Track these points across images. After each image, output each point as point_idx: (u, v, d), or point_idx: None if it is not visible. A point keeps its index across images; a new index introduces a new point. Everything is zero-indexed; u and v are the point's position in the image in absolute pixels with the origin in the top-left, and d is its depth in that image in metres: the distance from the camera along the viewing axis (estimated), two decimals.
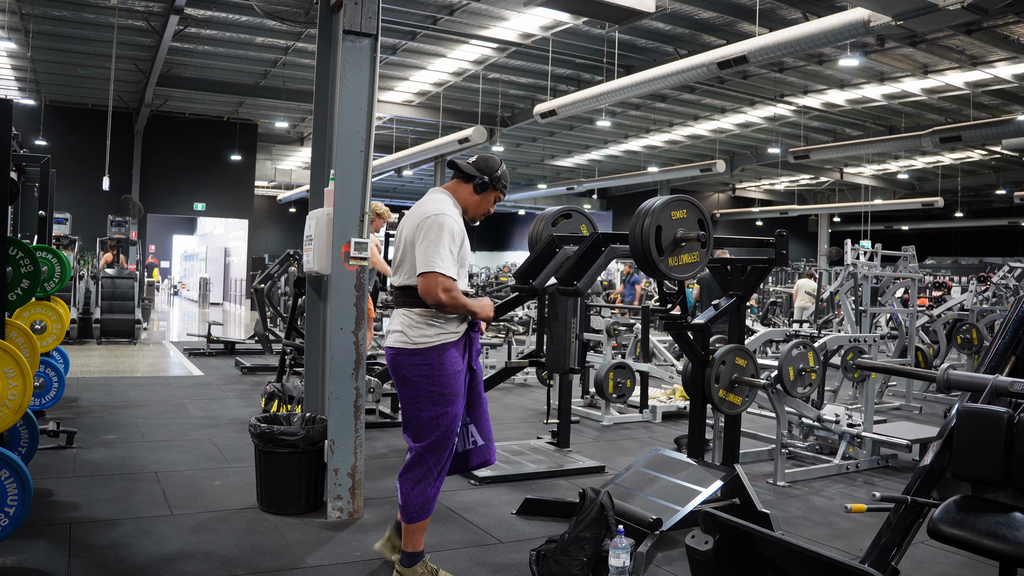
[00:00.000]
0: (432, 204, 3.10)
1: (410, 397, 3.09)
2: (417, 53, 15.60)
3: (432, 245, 2.95)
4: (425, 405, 3.06)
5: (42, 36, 15.06)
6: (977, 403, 2.49)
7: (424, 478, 3.09)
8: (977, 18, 9.33)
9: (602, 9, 8.31)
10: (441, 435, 3.08)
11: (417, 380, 3.05)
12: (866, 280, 7.44)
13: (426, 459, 3.10)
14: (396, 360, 3.09)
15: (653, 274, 3.51)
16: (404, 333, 3.07)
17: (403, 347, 3.06)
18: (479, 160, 3.28)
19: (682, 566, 3.47)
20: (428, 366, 3.04)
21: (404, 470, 3.15)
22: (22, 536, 3.48)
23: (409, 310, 3.07)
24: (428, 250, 2.95)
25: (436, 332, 3.04)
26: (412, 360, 3.05)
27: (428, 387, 3.04)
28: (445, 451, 3.12)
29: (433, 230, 2.97)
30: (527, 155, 27.05)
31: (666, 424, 6.97)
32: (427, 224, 3.00)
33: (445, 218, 3.01)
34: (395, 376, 3.13)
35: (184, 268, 33.65)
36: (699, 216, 3.59)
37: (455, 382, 3.08)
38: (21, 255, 4.32)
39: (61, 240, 11.50)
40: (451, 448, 3.15)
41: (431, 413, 3.06)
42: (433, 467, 3.10)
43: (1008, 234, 34.70)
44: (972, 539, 2.27)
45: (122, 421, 6.25)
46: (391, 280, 3.22)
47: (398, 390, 3.15)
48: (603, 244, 3.59)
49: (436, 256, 2.94)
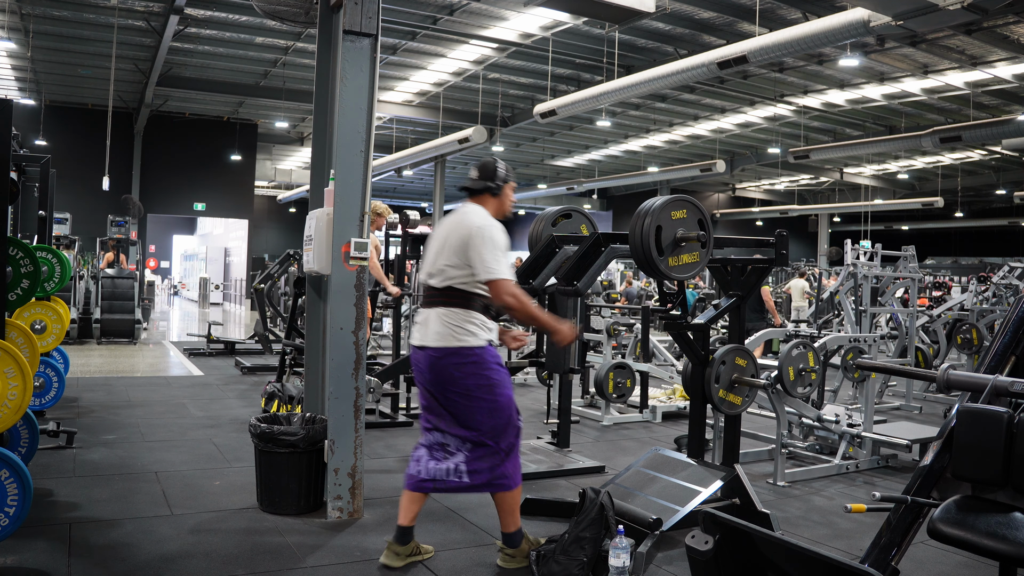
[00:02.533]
0: (477, 216, 3.28)
1: (460, 394, 3.19)
2: (417, 53, 15.60)
3: (491, 253, 3.15)
4: (479, 398, 3.19)
5: (42, 36, 15.06)
6: (977, 403, 2.49)
7: (493, 455, 3.21)
8: (977, 18, 9.33)
9: (602, 9, 8.31)
10: (504, 418, 3.23)
11: (465, 375, 3.17)
12: (866, 280, 7.44)
13: (488, 443, 3.22)
14: (442, 361, 3.19)
15: (653, 274, 3.51)
16: (449, 333, 3.18)
17: (447, 346, 3.18)
18: (480, 170, 3.42)
19: (682, 566, 3.47)
20: (474, 363, 3.18)
21: (469, 462, 3.21)
22: (22, 536, 3.48)
23: (450, 310, 3.19)
24: (489, 258, 3.14)
25: (479, 331, 3.20)
26: (457, 359, 3.17)
27: (476, 381, 3.18)
28: (511, 431, 3.26)
29: (488, 239, 3.17)
30: (527, 155, 27.05)
31: (666, 424, 6.97)
32: (481, 234, 3.17)
33: (495, 229, 3.23)
34: (438, 376, 3.21)
35: (184, 268, 33.66)
36: (699, 216, 3.59)
37: (501, 370, 3.25)
38: (21, 255, 4.32)
39: (61, 240, 11.50)
40: (516, 428, 3.28)
41: (486, 403, 3.19)
42: (504, 448, 3.23)
43: (1008, 234, 34.70)
44: (972, 539, 2.27)
45: (122, 421, 6.25)
46: (425, 280, 3.32)
47: (442, 389, 3.22)
48: (603, 244, 3.59)
49: (497, 263, 3.15)
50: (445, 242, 3.26)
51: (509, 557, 3.36)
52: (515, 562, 3.35)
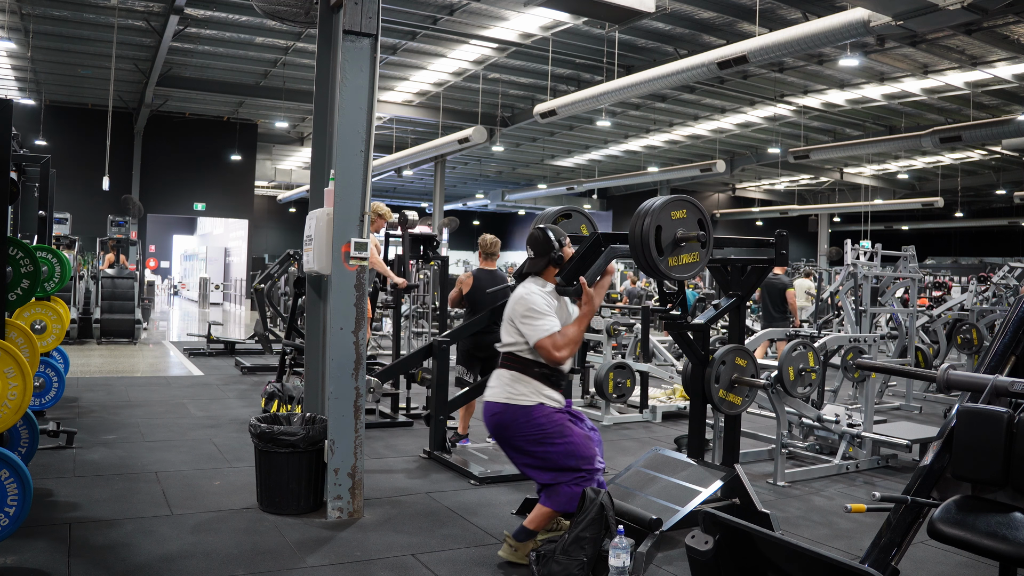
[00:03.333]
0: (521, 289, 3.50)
1: (530, 444, 3.36)
2: (417, 53, 15.60)
3: (529, 320, 3.36)
4: (539, 444, 3.34)
5: (42, 36, 15.05)
6: (977, 403, 2.49)
7: (571, 494, 3.34)
8: (977, 18, 9.34)
9: (602, 9, 8.31)
10: (576, 455, 3.35)
11: (530, 429, 3.35)
12: (866, 280, 7.44)
13: (565, 479, 3.35)
14: (504, 417, 3.38)
15: (653, 274, 3.51)
16: (506, 394, 3.39)
17: (508, 403, 3.37)
18: (535, 247, 3.54)
19: (682, 566, 3.47)
20: (535, 419, 3.34)
21: (548, 500, 3.39)
22: (22, 536, 3.48)
23: (515, 373, 3.41)
24: (528, 326, 3.36)
25: (535, 392, 3.38)
26: (521, 414, 3.35)
27: (539, 433, 3.34)
28: (591, 457, 3.38)
29: (522, 308, 3.40)
30: (527, 155, 27.04)
31: (666, 424, 6.97)
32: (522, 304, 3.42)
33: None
34: (505, 432, 3.39)
35: (184, 268, 33.66)
36: (699, 216, 3.59)
37: (559, 418, 3.39)
38: (21, 255, 4.32)
39: (61, 240, 11.50)
40: (592, 452, 3.41)
41: (547, 448, 3.34)
42: (576, 481, 3.35)
43: (1008, 234, 34.70)
44: (972, 539, 2.27)
45: (122, 421, 6.25)
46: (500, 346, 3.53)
47: (515, 445, 3.41)
48: (603, 244, 3.59)
49: (534, 328, 3.34)
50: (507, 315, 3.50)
51: (512, 550, 3.47)
52: (515, 556, 3.46)
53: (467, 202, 37.05)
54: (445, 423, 5.35)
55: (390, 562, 3.46)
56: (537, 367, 3.39)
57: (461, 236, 34.29)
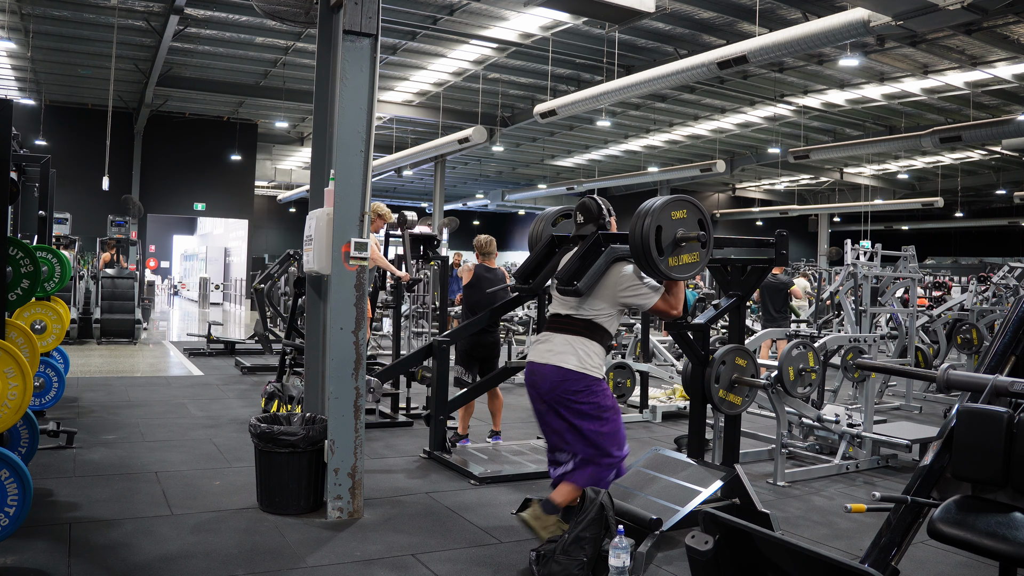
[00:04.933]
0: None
1: (578, 416, 3.41)
2: (417, 53, 15.59)
3: (637, 288, 3.50)
4: (594, 420, 3.41)
5: (42, 36, 15.05)
6: (977, 403, 2.49)
7: (599, 476, 3.43)
8: (977, 18, 9.33)
9: (602, 9, 8.31)
10: (618, 440, 3.46)
11: (584, 401, 3.41)
12: (866, 280, 7.43)
13: (600, 461, 3.43)
14: (564, 383, 3.41)
15: (653, 274, 3.51)
16: (577, 359, 3.43)
17: (574, 370, 3.42)
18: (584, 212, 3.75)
19: (682, 566, 3.47)
20: (594, 391, 3.42)
21: (574, 474, 3.45)
22: (22, 536, 3.48)
23: (586, 340, 3.46)
24: (640, 295, 3.51)
25: (602, 365, 3.50)
26: (583, 384, 3.41)
27: (597, 408, 3.42)
28: (624, 445, 3.50)
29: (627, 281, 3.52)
30: (527, 155, 27.03)
31: (666, 424, 6.97)
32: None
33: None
34: (556, 395, 3.43)
35: (184, 268, 33.66)
36: (699, 216, 3.59)
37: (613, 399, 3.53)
38: (21, 255, 4.32)
39: (61, 240, 11.50)
40: (625, 441, 3.52)
41: (599, 426, 3.41)
42: (608, 466, 3.45)
43: (1008, 234, 34.68)
44: (972, 539, 2.27)
45: (122, 421, 6.25)
46: (554, 308, 3.62)
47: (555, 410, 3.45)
48: (603, 244, 3.59)
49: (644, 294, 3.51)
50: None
51: (535, 519, 3.48)
52: (538, 524, 3.47)
53: (467, 202, 37.04)
54: (445, 423, 5.35)
55: (390, 562, 3.46)
56: (609, 338, 3.52)
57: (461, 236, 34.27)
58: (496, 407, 5.86)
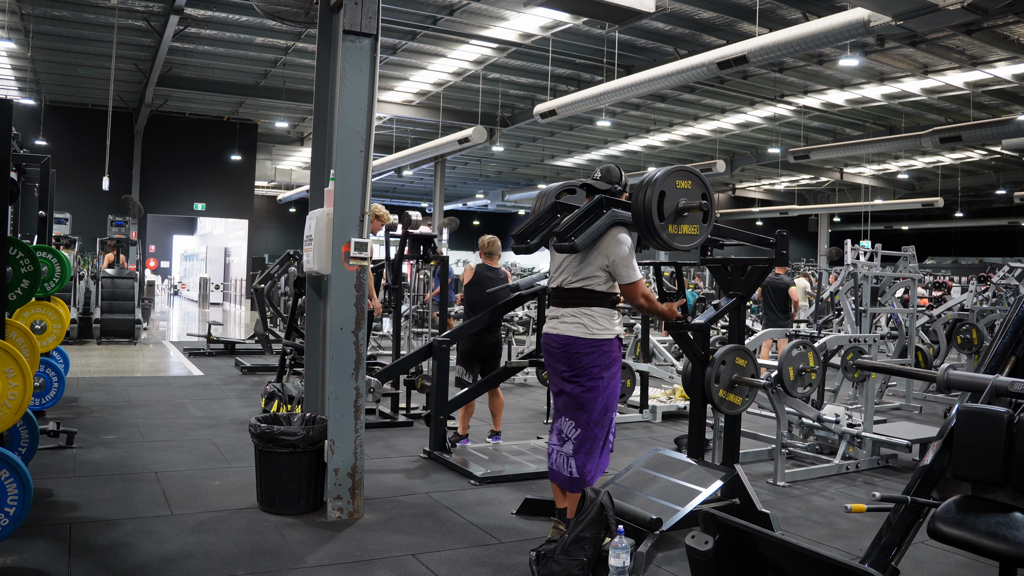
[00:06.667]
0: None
1: (579, 378, 3.57)
2: (417, 53, 15.59)
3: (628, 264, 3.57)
4: (595, 385, 3.56)
5: (42, 36, 15.05)
6: (977, 403, 2.49)
7: (593, 450, 3.59)
8: (977, 18, 9.32)
9: (602, 9, 8.31)
10: (606, 409, 3.61)
11: (589, 364, 3.56)
12: (866, 280, 7.43)
13: (595, 432, 3.60)
14: (573, 348, 3.58)
15: (653, 241, 3.49)
16: (583, 326, 3.58)
17: (580, 336, 3.58)
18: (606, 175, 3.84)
19: (682, 566, 3.47)
20: (600, 354, 3.57)
21: (575, 449, 3.59)
22: (22, 536, 3.48)
23: (589, 308, 3.60)
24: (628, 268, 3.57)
25: (610, 327, 3.61)
26: (588, 348, 3.56)
27: (600, 371, 3.57)
28: (610, 423, 3.66)
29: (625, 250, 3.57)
30: (527, 155, 27.03)
31: (666, 424, 6.97)
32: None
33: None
34: (567, 359, 3.60)
35: (184, 268, 33.66)
36: (703, 190, 3.57)
37: (618, 366, 3.66)
38: (21, 255, 4.32)
39: (61, 240, 11.50)
40: (613, 422, 3.70)
41: (599, 391, 3.57)
42: (600, 438, 3.61)
43: (1008, 234, 34.68)
44: (972, 539, 2.27)
45: (122, 421, 6.25)
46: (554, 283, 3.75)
47: (563, 373, 3.62)
48: (605, 207, 3.59)
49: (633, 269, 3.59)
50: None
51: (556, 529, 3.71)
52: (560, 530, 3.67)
53: (467, 202, 37.04)
54: (445, 423, 5.35)
55: (390, 562, 3.46)
56: (610, 298, 3.63)
57: (461, 236, 34.28)
58: (496, 407, 5.86)
